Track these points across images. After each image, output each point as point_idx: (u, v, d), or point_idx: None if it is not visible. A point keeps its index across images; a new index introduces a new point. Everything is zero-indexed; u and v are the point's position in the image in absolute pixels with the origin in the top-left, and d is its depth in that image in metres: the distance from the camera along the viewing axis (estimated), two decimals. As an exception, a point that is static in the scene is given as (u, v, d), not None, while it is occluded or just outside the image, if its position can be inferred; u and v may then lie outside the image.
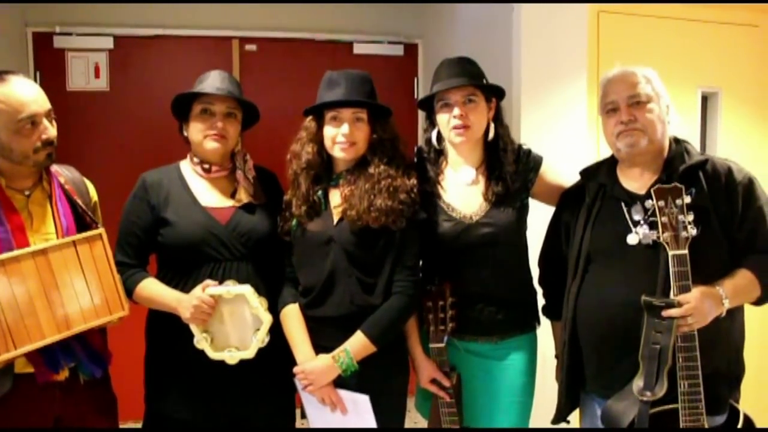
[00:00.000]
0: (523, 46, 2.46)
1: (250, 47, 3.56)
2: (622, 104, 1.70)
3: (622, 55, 2.22)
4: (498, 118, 1.92)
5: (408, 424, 2.06)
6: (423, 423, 2.05)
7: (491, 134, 1.89)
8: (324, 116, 1.85)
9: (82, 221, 1.80)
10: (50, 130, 1.70)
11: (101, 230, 1.78)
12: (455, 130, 1.84)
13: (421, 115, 2.04)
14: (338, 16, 3.62)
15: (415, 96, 3.73)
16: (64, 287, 1.69)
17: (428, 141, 1.96)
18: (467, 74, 1.85)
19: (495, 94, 1.91)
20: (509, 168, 1.89)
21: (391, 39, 3.69)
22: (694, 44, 2.78)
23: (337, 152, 1.83)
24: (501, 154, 1.89)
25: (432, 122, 1.96)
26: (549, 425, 1.91)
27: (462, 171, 1.92)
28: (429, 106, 1.95)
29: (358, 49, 3.65)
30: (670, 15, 2.74)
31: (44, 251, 1.66)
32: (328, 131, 1.83)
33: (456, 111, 1.83)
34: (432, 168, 1.95)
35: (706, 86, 2.84)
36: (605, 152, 1.90)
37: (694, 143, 1.78)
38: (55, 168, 1.81)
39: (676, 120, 1.75)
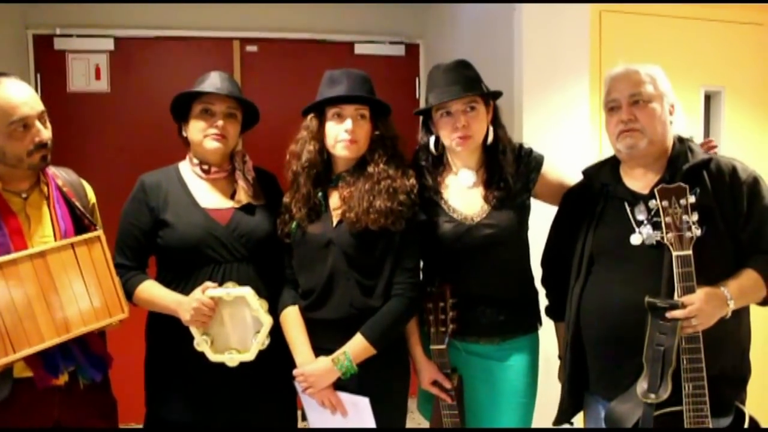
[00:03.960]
0: (525, 45, 2.45)
1: (251, 48, 3.56)
2: (623, 103, 1.68)
3: (624, 54, 2.19)
4: (496, 121, 1.90)
5: (410, 426, 2.04)
6: (425, 425, 2.04)
7: (490, 138, 1.88)
8: (326, 114, 1.83)
9: (80, 223, 1.78)
10: (43, 133, 1.69)
11: (100, 232, 1.77)
12: (458, 139, 1.82)
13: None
14: (339, 17, 3.62)
15: (417, 96, 3.73)
16: (63, 290, 1.67)
17: (426, 147, 1.93)
18: (466, 81, 1.82)
19: (493, 97, 1.90)
20: (509, 169, 1.87)
21: (393, 39, 3.68)
22: (697, 43, 2.77)
23: (340, 150, 1.81)
24: (500, 157, 1.87)
25: (428, 129, 1.93)
26: (551, 427, 1.89)
27: (461, 174, 1.90)
28: (425, 111, 1.92)
29: (359, 49, 3.64)
30: (672, 14, 2.72)
31: (42, 254, 1.64)
32: (331, 128, 1.82)
33: (459, 122, 1.80)
34: (432, 171, 1.92)
35: (709, 85, 2.83)
36: (607, 152, 1.89)
37: (697, 142, 1.75)
38: (52, 170, 1.80)
39: (682, 119, 1.73)
